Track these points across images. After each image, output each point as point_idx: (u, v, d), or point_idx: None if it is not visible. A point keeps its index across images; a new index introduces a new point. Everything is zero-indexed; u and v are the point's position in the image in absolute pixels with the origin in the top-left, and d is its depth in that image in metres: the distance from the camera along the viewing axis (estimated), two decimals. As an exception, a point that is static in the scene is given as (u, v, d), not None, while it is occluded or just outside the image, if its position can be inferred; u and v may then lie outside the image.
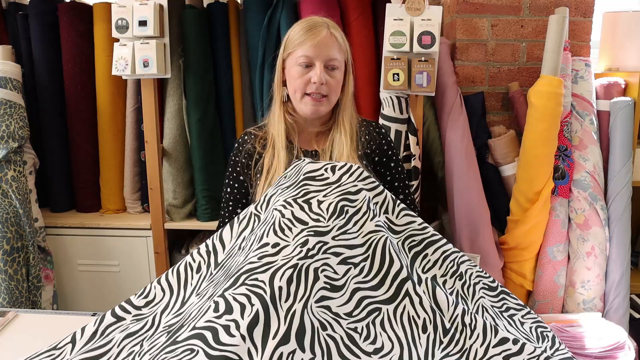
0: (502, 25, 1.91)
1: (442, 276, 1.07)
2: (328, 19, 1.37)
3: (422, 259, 1.08)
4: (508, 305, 1.12)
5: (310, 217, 1.00)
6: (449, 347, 0.96)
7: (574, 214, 1.78)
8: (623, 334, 1.23)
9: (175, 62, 1.92)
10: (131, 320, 0.97)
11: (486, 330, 0.98)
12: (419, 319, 0.96)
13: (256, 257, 0.92)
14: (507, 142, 1.85)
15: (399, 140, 1.80)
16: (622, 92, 1.85)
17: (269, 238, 0.96)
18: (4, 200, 1.83)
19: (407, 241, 1.09)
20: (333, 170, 1.10)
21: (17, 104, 1.88)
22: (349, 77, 1.37)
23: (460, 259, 1.11)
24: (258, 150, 1.39)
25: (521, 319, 1.10)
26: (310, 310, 0.89)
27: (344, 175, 1.09)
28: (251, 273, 0.89)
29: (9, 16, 2.09)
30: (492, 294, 1.12)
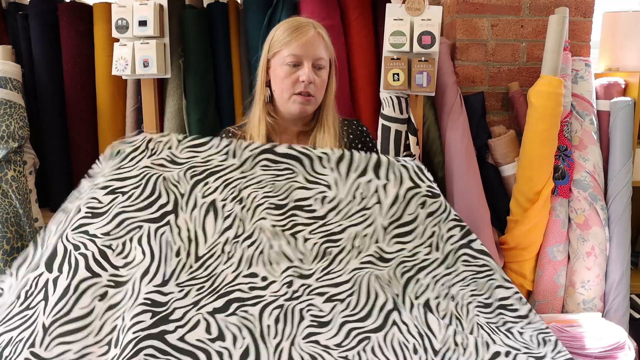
0: (502, 25, 1.91)
1: (436, 298, 1.09)
2: (312, 19, 1.37)
3: (415, 284, 1.10)
4: (505, 320, 1.12)
5: (296, 255, 1.06)
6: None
7: (574, 214, 1.78)
8: (623, 334, 1.23)
9: (175, 62, 1.91)
10: (108, 280, 0.95)
11: (478, 346, 1.01)
12: (409, 343, 1.00)
13: (247, 287, 0.99)
14: (507, 142, 1.85)
15: (399, 140, 1.80)
16: (622, 92, 1.85)
17: (258, 268, 1.02)
18: (4, 200, 1.83)
19: (399, 267, 1.11)
20: (322, 202, 1.12)
21: (17, 104, 1.88)
22: (332, 77, 1.37)
23: (451, 281, 1.12)
24: None
25: (520, 330, 1.10)
26: (299, 347, 0.95)
27: (331, 213, 1.11)
28: (242, 304, 0.97)
29: (9, 16, 2.09)
30: (487, 310, 1.13)
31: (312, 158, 1.13)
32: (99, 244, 0.98)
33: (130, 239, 1.00)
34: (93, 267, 0.96)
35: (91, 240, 0.98)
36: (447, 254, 1.12)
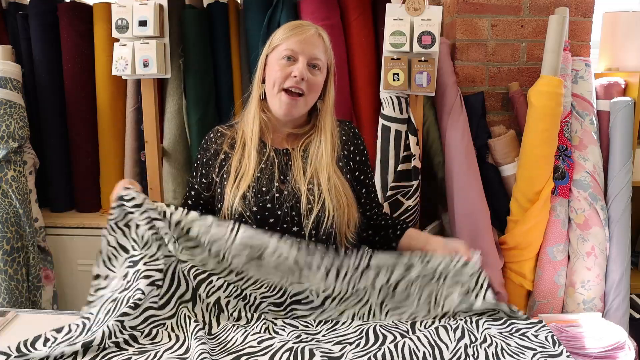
0: (502, 25, 1.91)
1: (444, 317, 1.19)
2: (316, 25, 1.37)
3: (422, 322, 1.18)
4: (518, 327, 1.16)
5: (300, 324, 1.17)
6: None
7: (574, 214, 1.78)
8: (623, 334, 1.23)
9: (175, 62, 1.92)
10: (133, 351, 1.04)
11: (488, 358, 1.04)
12: (419, 352, 1.05)
13: (255, 342, 1.06)
14: (507, 142, 1.85)
15: (399, 140, 1.80)
16: (622, 92, 1.85)
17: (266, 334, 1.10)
18: (4, 200, 1.83)
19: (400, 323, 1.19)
20: (317, 294, 1.19)
21: (17, 104, 1.88)
22: (331, 84, 1.34)
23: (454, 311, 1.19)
24: (225, 149, 1.34)
25: (535, 332, 1.14)
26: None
27: (327, 300, 1.19)
28: (251, 356, 1.02)
29: (9, 16, 2.09)
30: (498, 323, 1.17)
31: (300, 265, 1.17)
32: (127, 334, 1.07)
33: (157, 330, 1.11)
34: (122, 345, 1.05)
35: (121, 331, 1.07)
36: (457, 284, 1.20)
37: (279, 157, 1.31)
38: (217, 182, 1.33)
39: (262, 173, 1.28)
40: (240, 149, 1.32)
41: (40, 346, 1.02)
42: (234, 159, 1.31)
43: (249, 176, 1.27)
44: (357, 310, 1.19)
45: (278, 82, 1.27)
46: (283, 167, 1.30)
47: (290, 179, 1.29)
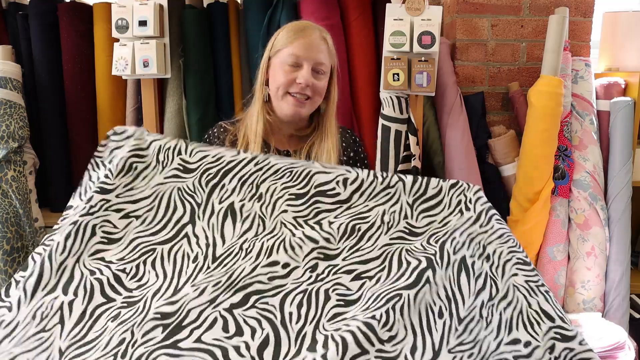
0: (502, 25, 1.91)
1: (471, 257, 1.02)
2: (319, 26, 1.36)
3: (451, 242, 1.04)
4: (543, 281, 1.06)
5: (322, 235, 1.01)
6: (463, 335, 0.95)
7: (574, 214, 1.78)
8: (623, 334, 1.23)
9: (175, 62, 1.91)
10: (122, 302, 0.95)
11: (500, 327, 0.97)
12: (435, 306, 0.95)
13: (266, 278, 0.94)
14: (507, 142, 1.85)
15: (399, 140, 1.80)
16: (622, 92, 1.85)
17: (279, 256, 0.97)
18: (4, 200, 1.83)
19: (431, 239, 1.06)
20: (345, 185, 1.08)
21: (17, 104, 1.88)
22: (334, 86, 1.34)
23: (487, 240, 1.06)
24: (227, 145, 1.35)
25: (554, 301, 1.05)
26: (323, 329, 0.90)
27: (355, 194, 1.08)
28: (261, 296, 0.92)
29: (9, 16, 2.09)
30: (527, 268, 1.06)
31: None
32: (114, 269, 0.98)
33: (144, 262, 1.00)
34: (108, 292, 0.95)
35: (106, 266, 0.98)
36: (480, 213, 1.07)
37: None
38: None
39: None
40: (243, 147, 1.33)
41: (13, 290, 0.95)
42: None
43: None
44: (388, 208, 1.07)
45: (282, 87, 1.28)
46: None
47: None
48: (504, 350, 0.95)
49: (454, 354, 0.92)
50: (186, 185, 1.08)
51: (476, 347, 0.94)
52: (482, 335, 0.95)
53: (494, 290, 1.00)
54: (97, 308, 0.94)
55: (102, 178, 1.05)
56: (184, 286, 0.95)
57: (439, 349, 0.91)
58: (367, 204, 1.07)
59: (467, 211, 1.07)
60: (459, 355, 0.92)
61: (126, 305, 0.94)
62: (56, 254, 0.96)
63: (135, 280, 0.97)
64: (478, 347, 0.94)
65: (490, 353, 0.95)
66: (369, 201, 1.08)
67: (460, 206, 1.09)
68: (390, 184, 1.10)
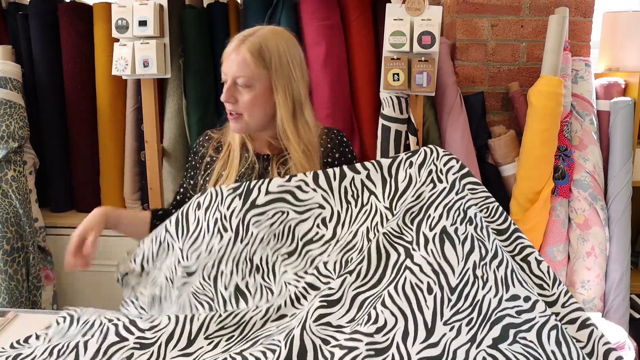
0: (502, 25, 1.91)
1: (452, 225, 1.00)
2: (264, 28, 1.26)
3: (427, 220, 1.02)
4: (523, 244, 1.04)
5: (321, 281, 1.05)
6: (457, 304, 0.93)
7: (574, 214, 1.78)
8: (623, 334, 1.23)
9: (175, 62, 1.92)
10: (134, 342, 0.98)
11: (497, 284, 0.95)
12: (423, 283, 0.94)
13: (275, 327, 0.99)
14: (507, 142, 1.85)
15: (399, 140, 1.80)
16: (622, 92, 1.85)
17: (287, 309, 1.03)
18: (4, 200, 1.83)
19: (407, 215, 1.05)
20: (325, 224, 1.12)
21: (17, 104, 1.88)
22: (279, 95, 1.23)
23: (465, 205, 1.04)
24: (210, 153, 1.34)
25: (538, 257, 1.03)
26: (310, 331, 0.91)
27: (337, 228, 1.12)
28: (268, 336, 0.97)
29: (9, 16, 2.09)
30: (502, 238, 1.05)
31: (292, 190, 1.12)
32: (130, 316, 1.02)
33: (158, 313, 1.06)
34: (122, 333, 0.99)
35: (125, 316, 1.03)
36: (453, 182, 1.06)
37: (260, 163, 1.31)
38: (201, 184, 1.34)
39: (242, 177, 1.28)
40: (226, 154, 1.32)
41: (34, 341, 1.02)
42: (219, 163, 1.31)
43: (230, 181, 1.26)
44: (370, 223, 1.09)
45: None
46: (262, 173, 1.30)
47: None
48: (506, 307, 0.92)
49: (451, 325, 0.91)
50: (195, 287, 1.14)
51: (475, 310, 0.92)
52: (480, 295, 0.93)
53: (483, 250, 0.98)
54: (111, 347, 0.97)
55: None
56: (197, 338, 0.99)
57: (432, 325, 0.90)
58: (351, 230, 1.10)
59: (439, 183, 1.06)
60: (457, 324, 0.91)
61: (139, 346, 0.97)
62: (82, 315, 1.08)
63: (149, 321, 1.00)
64: (477, 309, 0.92)
65: (492, 310, 0.92)
66: (352, 226, 1.11)
67: (432, 176, 1.08)
68: (364, 202, 1.12)
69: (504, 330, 0.89)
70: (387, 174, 1.13)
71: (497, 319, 0.91)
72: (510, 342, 0.87)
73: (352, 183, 1.13)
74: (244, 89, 1.22)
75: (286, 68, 1.23)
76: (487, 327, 0.90)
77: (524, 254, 1.03)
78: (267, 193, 1.11)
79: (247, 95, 1.21)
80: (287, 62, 1.23)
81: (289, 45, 1.25)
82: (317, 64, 1.86)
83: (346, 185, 1.13)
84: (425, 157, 1.11)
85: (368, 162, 1.14)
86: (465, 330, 0.90)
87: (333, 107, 1.87)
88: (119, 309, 1.23)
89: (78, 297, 2.08)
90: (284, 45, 1.24)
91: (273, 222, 1.12)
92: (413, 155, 1.12)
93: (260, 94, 1.22)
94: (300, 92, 1.26)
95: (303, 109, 1.27)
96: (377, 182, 1.13)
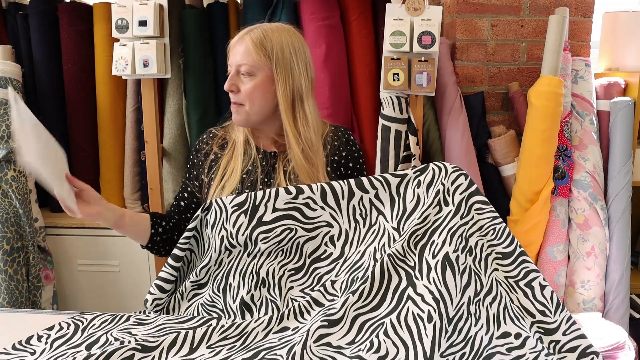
0: (502, 25, 1.91)
1: (454, 252, 1.01)
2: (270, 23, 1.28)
3: (430, 246, 1.03)
4: (528, 269, 1.02)
5: (327, 298, 1.06)
6: (452, 337, 0.95)
7: (574, 214, 1.78)
8: (623, 334, 1.23)
9: (175, 62, 1.92)
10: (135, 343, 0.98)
11: (489, 321, 0.97)
12: (424, 313, 0.95)
13: (277, 339, 1.00)
14: (507, 142, 1.85)
15: (399, 140, 1.80)
16: (622, 92, 1.85)
17: (289, 322, 1.03)
18: (4, 200, 1.83)
19: (412, 238, 1.05)
20: (333, 243, 1.12)
21: (17, 104, 1.88)
22: (279, 85, 1.23)
23: (468, 232, 1.03)
24: (215, 150, 1.33)
25: (542, 283, 1.02)
26: (310, 351, 0.92)
27: (345, 247, 1.12)
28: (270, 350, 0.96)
29: (9, 16, 2.09)
30: (506, 262, 1.03)
31: (299, 208, 1.11)
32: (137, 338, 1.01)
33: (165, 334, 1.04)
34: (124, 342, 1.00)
35: (132, 337, 1.02)
36: (459, 204, 1.05)
37: (266, 160, 1.30)
38: (205, 182, 1.33)
39: (247, 175, 1.27)
40: (231, 150, 1.32)
41: (36, 342, 1.02)
42: (223, 160, 1.31)
43: (235, 178, 1.26)
44: (378, 244, 1.09)
45: None
46: (269, 171, 1.29)
47: (274, 183, 1.27)
48: (497, 344, 0.95)
49: (445, 358, 0.93)
50: (205, 299, 1.15)
51: (467, 345, 0.94)
52: (472, 331, 0.95)
53: (478, 285, 0.99)
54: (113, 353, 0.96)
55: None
56: (200, 346, 0.99)
57: (430, 356, 0.91)
58: (359, 250, 1.10)
59: (445, 206, 1.05)
60: (451, 357, 0.93)
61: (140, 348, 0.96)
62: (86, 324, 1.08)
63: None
64: (470, 345, 0.94)
65: (483, 347, 0.95)
66: (360, 246, 1.11)
67: (439, 197, 1.06)
68: (372, 222, 1.12)
69: None
70: (396, 193, 1.12)
71: (488, 355, 0.93)
72: None
73: (361, 202, 1.13)
74: (246, 78, 1.23)
75: (288, 60, 1.24)
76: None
77: (528, 279, 1.02)
78: (274, 210, 1.10)
79: (249, 84, 1.23)
80: (289, 54, 1.24)
81: (292, 39, 1.26)
82: (317, 64, 1.86)
83: (354, 204, 1.12)
84: (434, 176, 1.09)
85: (376, 178, 1.13)
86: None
87: (333, 107, 1.87)
88: (119, 309, 1.23)
89: (78, 297, 2.08)
90: (288, 38, 1.25)
91: (281, 239, 1.11)
92: (421, 174, 1.11)
93: (261, 82, 1.24)
94: (301, 86, 1.26)
95: (303, 103, 1.27)
96: (385, 202, 1.12)
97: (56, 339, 1.03)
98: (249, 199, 1.11)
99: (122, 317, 1.10)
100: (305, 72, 1.27)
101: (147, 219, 1.33)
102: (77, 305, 2.08)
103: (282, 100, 1.24)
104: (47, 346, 1.01)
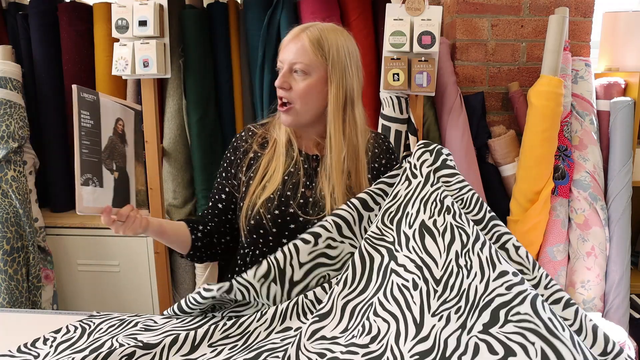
0: (502, 25, 1.91)
1: (430, 218, 1.01)
2: (324, 23, 1.26)
3: (406, 218, 1.04)
4: (500, 232, 1.04)
5: None
6: (444, 295, 0.93)
7: (574, 214, 1.78)
8: (623, 334, 1.23)
9: (175, 62, 1.92)
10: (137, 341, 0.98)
11: (483, 266, 0.93)
12: (408, 282, 0.95)
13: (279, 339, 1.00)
14: (507, 142, 1.85)
15: (399, 140, 1.80)
16: (622, 92, 1.85)
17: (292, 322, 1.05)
18: (4, 200, 1.83)
19: (385, 215, 1.07)
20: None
21: (17, 104, 1.88)
22: (331, 87, 1.21)
23: (441, 194, 1.04)
24: (254, 149, 1.29)
25: (516, 244, 1.03)
26: (305, 349, 0.93)
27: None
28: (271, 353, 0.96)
29: (9, 16, 2.09)
30: (479, 227, 1.05)
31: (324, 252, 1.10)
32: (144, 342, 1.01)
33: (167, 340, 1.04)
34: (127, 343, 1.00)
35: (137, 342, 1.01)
36: (427, 174, 1.07)
37: (308, 163, 1.27)
38: (243, 181, 1.28)
39: (289, 177, 1.24)
40: (272, 150, 1.28)
41: (41, 345, 1.02)
42: (264, 159, 1.27)
43: (276, 179, 1.23)
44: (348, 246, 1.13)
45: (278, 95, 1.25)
46: (311, 174, 1.26)
47: (317, 186, 1.24)
48: (495, 286, 0.90)
49: (439, 314, 0.91)
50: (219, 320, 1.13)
51: (462, 299, 0.92)
52: (465, 284, 0.93)
53: (464, 237, 0.97)
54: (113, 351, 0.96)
55: None
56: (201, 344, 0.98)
57: (420, 320, 0.91)
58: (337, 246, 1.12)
59: (414, 178, 1.08)
60: (445, 313, 0.91)
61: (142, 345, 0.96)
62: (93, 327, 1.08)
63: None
64: (464, 297, 0.92)
65: (479, 297, 0.90)
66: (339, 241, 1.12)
67: (407, 173, 1.09)
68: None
69: (493, 314, 0.87)
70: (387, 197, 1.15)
71: (486, 304, 0.89)
72: (501, 325, 0.85)
73: (369, 221, 1.14)
74: (300, 76, 1.20)
75: (343, 61, 1.22)
76: (477, 314, 0.89)
77: (501, 241, 1.03)
78: (301, 266, 1.09)
79: (302, 83, 1.20)
80: (344, 56, 1.23)
81: (347, 41, 1.25)
82: (317, 64, 1.86)
83: (365, 225, 1.14)
84: (402, 163, 1.14)
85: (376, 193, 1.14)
86: (455, 318, 0.90)
87: (333, 107, 1.87)
88: (119, 309, 1.23)
89: (78, 297, 2.08)
90: (343, 39, 1.24)
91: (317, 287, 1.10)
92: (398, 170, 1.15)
93: (315, 83, 1.21)
94: (353, 88, 1.25)
95: (354, 106, 1.26)
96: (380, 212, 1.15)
97: (61, 342, 1.03)
98: (271, 266, 1.07)
99: (130, 322, 1.10)
100: (357, 75, 1.26)
101: (183, 225, 1.30)
102: (77, 305, 2.08)
103: (333, 102, 1.22)
104: (51, 350, 1.01)
